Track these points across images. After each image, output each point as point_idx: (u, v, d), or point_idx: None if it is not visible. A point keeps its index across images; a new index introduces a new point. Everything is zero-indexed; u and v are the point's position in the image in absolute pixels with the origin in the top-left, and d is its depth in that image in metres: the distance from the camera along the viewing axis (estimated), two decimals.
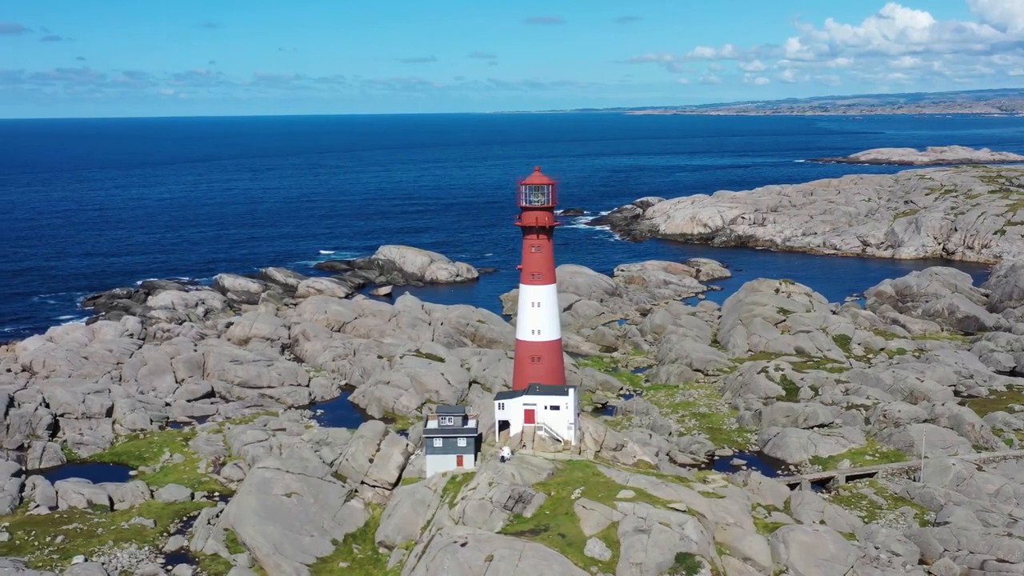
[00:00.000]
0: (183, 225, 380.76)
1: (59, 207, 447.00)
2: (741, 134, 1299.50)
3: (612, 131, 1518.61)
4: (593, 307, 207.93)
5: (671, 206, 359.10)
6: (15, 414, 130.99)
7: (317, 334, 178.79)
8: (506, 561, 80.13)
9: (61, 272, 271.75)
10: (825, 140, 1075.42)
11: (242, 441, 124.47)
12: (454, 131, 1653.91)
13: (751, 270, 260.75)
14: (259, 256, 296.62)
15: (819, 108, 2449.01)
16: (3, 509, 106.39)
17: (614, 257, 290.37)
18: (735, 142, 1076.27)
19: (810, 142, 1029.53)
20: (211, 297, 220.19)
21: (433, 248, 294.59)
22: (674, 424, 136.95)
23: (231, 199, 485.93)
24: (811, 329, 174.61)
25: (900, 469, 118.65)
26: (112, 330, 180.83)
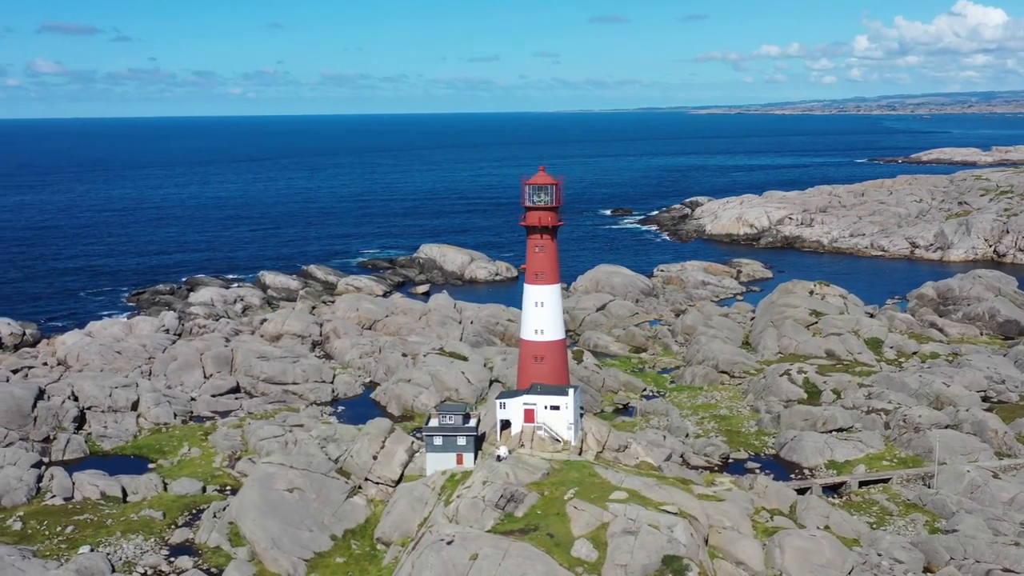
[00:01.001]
0: (236, 223, 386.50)
1: (119, 204, 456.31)
2: (803, 133, 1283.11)
3: (673, 130, 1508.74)
4: (627, 307, 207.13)
5: (719, 206, 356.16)
6: (42, 406, 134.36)
7: (347, 331, 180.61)
8: (489, 560, 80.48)
9: (111, 268, 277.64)
10: (889, 140, 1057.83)
11: (258, 436, 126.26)
12: (515, 130, 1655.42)
13: (794, 271, 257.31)
14: (306, 254, 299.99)
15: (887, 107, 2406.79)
16: (20, 499, 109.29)
17: (658, 257, 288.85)
18: (796, 141, 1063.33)
19: (873, 142, 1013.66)
20: (250, 294, 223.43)
21: (479, 247, 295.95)
22: (691, 426, 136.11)
23: (285, 197, 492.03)
24: (842, 332, 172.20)
25: (915, 475, 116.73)
26: (149, 325, 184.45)
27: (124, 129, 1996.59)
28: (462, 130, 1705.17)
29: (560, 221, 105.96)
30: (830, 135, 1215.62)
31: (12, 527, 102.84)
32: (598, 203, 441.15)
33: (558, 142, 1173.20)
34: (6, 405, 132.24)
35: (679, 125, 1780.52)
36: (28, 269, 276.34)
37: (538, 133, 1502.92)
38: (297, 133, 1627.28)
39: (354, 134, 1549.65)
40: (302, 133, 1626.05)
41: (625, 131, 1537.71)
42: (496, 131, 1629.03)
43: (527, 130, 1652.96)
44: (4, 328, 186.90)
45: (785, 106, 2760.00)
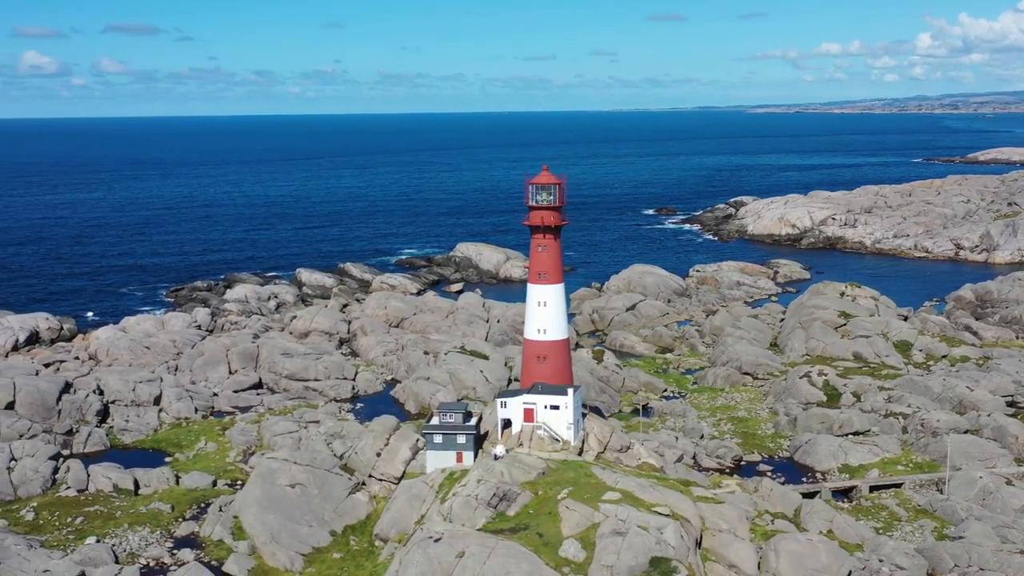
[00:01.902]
0: (281, 221, 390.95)
1: (170, 202, 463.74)
2: (861, 133, 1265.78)
3: (729, 129, 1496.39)
4: (657, 307, 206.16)
5: (763, 206, 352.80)
6: (67, 400, 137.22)
7: (374, 329, 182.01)
8: (474, 558, 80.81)
9: (155, 265, 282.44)
10: (948, 139, 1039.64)
11: (273, 432, 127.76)
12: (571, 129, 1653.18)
13: (833, 273, 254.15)
14: (346, 252, 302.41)
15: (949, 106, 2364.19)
16: (35, 490, 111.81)
17: (696, 257, 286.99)
18: (853, 141, 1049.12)
19: (932, 141, 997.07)
20: (284, 291, 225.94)
21: (521, 247, 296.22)
22: (707, 427, 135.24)
23: (333, 196, 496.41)
24: (871, 334, 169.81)
25: (928, 480, 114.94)
26: (180, 321, 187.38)
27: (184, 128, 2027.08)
28: (517, 129, 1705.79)
29: (564, 221, 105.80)
30: (888, 134, 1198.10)
31: (25, 517, 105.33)
32: (643, 202, 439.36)
33: (612, 141, 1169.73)
34: (31, 398, 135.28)
35: (736, 124, 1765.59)
36: (75, 265, 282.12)
37: (593, 132, 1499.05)
38: (353, 132, 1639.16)
39: (409, 133, 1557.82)
40: (358, 132, 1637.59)
41: (681, 130, 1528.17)
42: (551, 130, 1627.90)
43: (583, 129, 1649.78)
44: (42, 323, 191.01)
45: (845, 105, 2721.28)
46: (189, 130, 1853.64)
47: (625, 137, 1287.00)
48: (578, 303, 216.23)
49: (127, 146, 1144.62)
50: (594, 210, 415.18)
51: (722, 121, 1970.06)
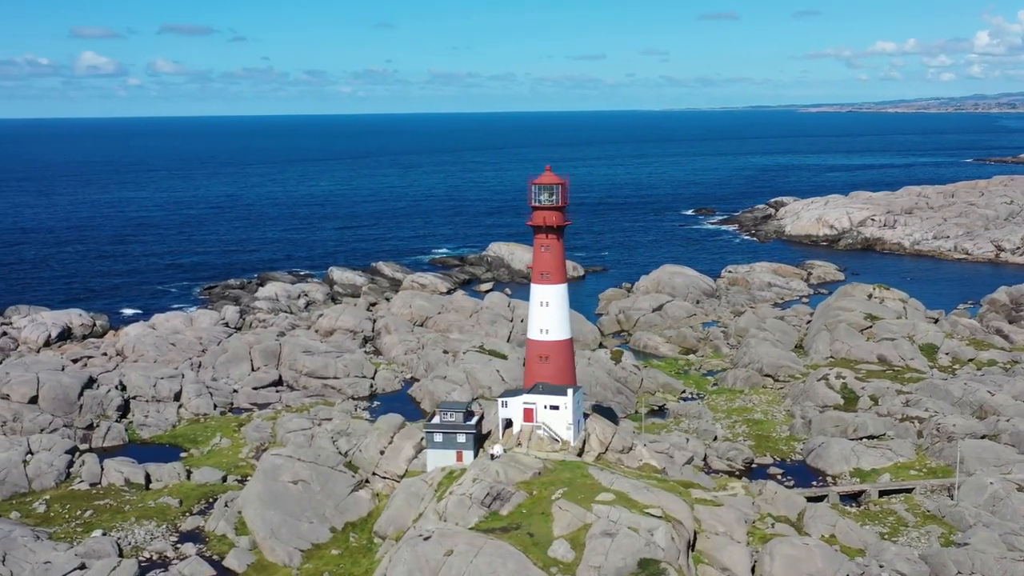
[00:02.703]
0: (321, 220, 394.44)
1: (214, 201, 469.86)
2: (914, 132, 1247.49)
3: (780, 129, 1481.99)
4: (684, 308, 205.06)
5: (802, 207, 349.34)
6: (89, 395, 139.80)
7: (398, 328, 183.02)
8: (462, 557, 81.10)
9: (192, 263, 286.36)
10: (1002, 139, 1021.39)
11: (286, 429, 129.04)
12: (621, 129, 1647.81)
13: (868, 274, 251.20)
14: (382, 250, 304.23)
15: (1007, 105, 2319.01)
16: (48, 483, 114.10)
17: (731, 258, 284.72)
18: (904, 141, 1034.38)
19: (985, 141, 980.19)
20: (315, 289, 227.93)
21: None
22: (721, 429, 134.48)
23: (374, 195, 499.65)
24: (896, 337, 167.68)
25: (939, 486, 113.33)
26: (208, 319, 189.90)
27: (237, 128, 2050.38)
28: (566, 129, 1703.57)
29: (567, 221, 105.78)
30: (942, 134, 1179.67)
31: (37, 510, 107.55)
32: (684, 203, 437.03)
33: (660, 141, 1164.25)
34: (53, 393, 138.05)
35: (787, 124, 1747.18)
36: (116, 263, 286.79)
37: (642, 132, 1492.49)
38: (402, 132, 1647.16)
39: (457, 133, 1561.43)
40: (407, 132, 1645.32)
41: (730, 130, 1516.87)
42: (601, 130, 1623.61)
43: (632, 129, 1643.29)
44: (75, 319, 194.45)
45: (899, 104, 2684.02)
46: (241, 130, 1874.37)
47: (674, 137, 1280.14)
48: (605, 303, 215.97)
49: (179, 145, 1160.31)
50: (633, 210, 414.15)
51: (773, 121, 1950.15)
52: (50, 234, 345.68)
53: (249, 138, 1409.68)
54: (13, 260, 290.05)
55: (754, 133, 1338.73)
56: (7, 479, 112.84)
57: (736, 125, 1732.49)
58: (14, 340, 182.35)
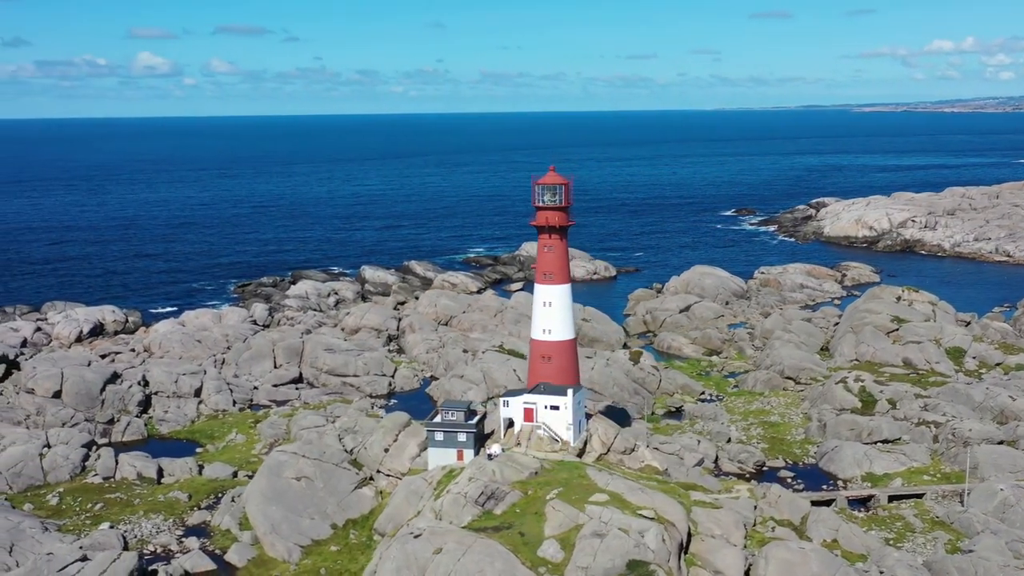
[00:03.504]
0: (362, 219, 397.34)
1: (258, 200, 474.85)
2: (969, 132, 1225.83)
3: (832, 129, 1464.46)
4: (712, 309, 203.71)
5: (843, 207, 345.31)
6: (111, 390, 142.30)
7: (422, 327, 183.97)
8: (450, 555, 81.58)
9: (230, 261, 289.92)
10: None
11: (300, 426, 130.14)
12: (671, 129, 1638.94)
13: (905, 276, 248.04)
14: (418, 249, 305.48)
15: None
16: (63, 476, 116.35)
17: (767, 259, 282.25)
18: (959, 141, 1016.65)
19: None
20: (345, 288, 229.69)
21: (591, 246, 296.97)
22: (735, 432, 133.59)
23: (417, 194, 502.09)
24: (922, 340, 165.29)
25: (951, 491, 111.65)
26: (236, 316, 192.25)
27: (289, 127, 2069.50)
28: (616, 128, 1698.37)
29: (570, 221, 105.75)
30: (998, 134, 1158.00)
31: (50, 502, 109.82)
32: (725, 203, 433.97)
33: (710, 140, 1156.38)
34: (76, 387, 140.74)
35: (839, 124, 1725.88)
36: (155, 261, 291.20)
37: (692, 131, 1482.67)
38: (451, 131, 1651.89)
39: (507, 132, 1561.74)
40: (456, 131, 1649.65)
41: (781, 129, 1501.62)
42: (651, 129, 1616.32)
43: (682, 128, 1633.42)
44: (108, 315, 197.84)
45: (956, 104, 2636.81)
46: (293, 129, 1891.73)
47: (723, 137, 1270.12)
48: (634, 303, 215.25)
49: (231, 145, 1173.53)
50: (674, 211, 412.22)
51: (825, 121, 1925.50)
52: (94, 232, 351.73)
53: (300, 138, 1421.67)
54: (57, 257, 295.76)
55: (806, 133, 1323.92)
56: (23, 472, 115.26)
57: (787, 125, 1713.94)
58: (47, 336, 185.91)
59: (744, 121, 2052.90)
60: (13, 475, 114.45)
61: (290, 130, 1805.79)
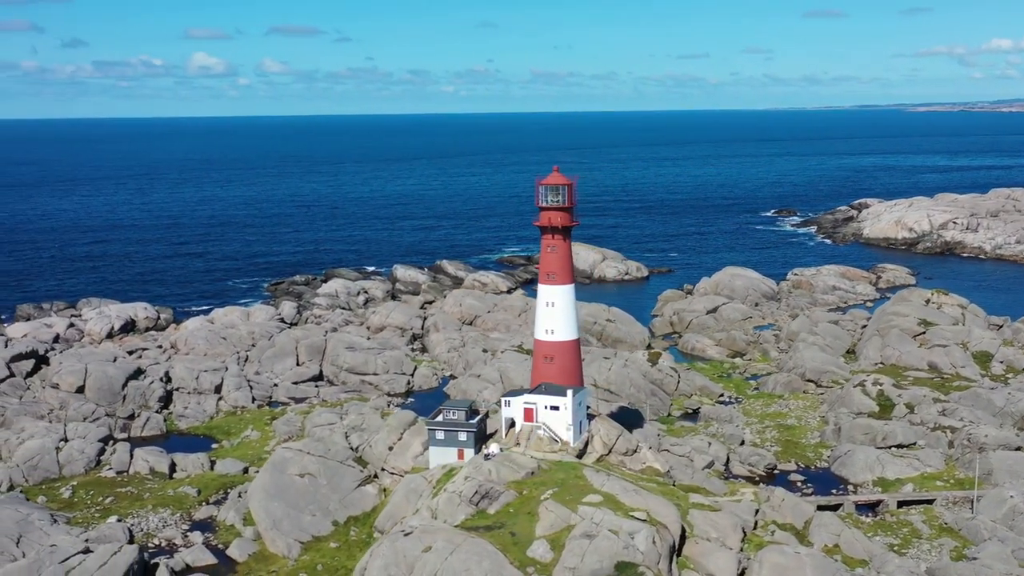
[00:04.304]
0: (403, 217, 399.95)
1: (301, 199, 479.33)
2: None
3: (885, 129, 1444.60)
4: (740, 311, 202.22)
5: (885, 208, 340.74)
6: (132, 386, 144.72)
7: (446, 326, 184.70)
8: (438, 554, 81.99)
9: (267, 260, 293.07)
10: None
11: (314, 423, 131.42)
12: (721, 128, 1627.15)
13: (943, 279, 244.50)
14: (453, 248, 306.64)
15: None
16: (78, 470, 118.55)
17: (805, 260, 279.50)
18: (1012, 141, 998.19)
19: None
20: (375, 286, 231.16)
21: (624, 246, 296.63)
22: (749, 434, 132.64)
23: (459, 194, 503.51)
24: (949, 343, 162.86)
25: (961, 498, 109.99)
26: (264, 314, 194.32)
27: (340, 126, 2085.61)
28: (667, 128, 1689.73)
29: (574, 222, 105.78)
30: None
31: (63, 495, 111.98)
32: (767, 203, 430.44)
33: (759, 140, 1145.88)
34: (99, 383, 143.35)
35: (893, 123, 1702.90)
36: (192, 259, 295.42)
37: (743, 131, 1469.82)
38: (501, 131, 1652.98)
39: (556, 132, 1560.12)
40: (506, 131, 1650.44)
41: (833, 129, 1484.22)
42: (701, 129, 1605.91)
43: (733, 128, 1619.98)
44: (140, 312, 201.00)
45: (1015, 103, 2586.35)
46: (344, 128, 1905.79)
47: (773, 137, 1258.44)
48: (662, 304, 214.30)
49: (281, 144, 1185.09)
50: (714, 211, 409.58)
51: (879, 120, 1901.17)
52: (137, 231, 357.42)
53: (349, 137, 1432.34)
54: (99, 255, 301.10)
55: (858, 133, 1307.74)
56: (39, 465, 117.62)
57: (840, 125, 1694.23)
58: (80, 331, 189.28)
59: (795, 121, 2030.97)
60: (29, 468, 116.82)
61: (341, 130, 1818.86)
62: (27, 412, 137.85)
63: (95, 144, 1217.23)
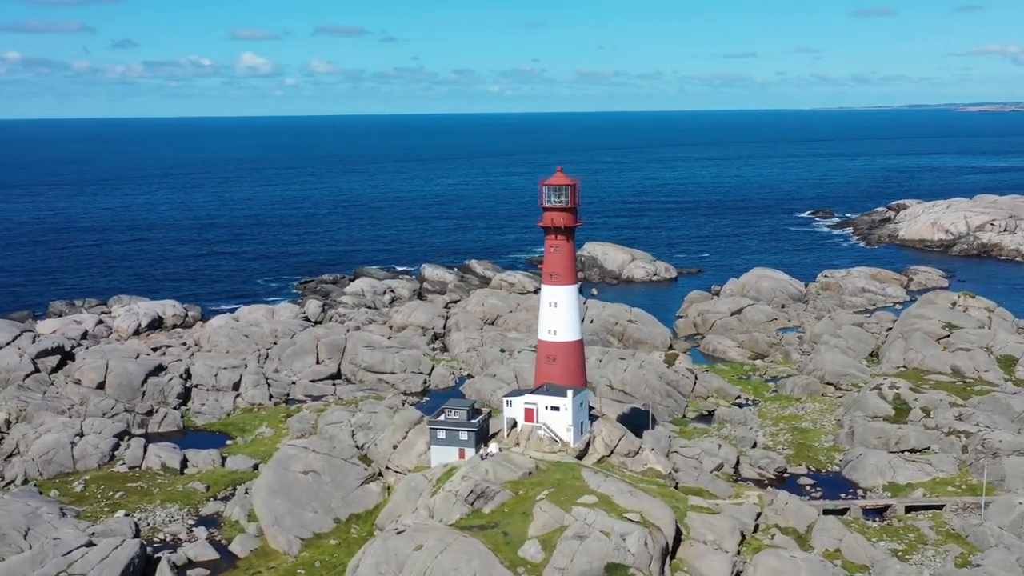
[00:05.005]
0: (436, 217, 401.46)
1: (338, 198, 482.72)
2: None
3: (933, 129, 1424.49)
4: (765, 312, 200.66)
5: (922, 210, 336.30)
6: (152, 382, 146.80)
7: (467, 326, 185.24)
8: (428, 552, 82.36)
9: (298, 259, 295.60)
10: None
11: (327, 421, 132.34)
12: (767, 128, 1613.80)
13: (976, 282, 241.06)
14: (484, 248, 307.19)
15: None
16: (91, 464, 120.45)
17: (837, 261, 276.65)
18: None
19: None
20: (401, 286, 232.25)
21: (655, 247, 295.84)
22: (761, 437, 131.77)
23: (495, 194, 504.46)
24: (973, 347, 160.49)
25: (971, 504, 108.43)
26: (288, 312, 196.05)
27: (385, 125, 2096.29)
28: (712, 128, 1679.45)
29: (577, 222, 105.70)
30: None
31: (75, 489, 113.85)
32: (804, 204, 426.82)
33: (805, 140, 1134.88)
34: (119, 379, 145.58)
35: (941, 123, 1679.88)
36: (226, 258, 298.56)
37: (789, 131, 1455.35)
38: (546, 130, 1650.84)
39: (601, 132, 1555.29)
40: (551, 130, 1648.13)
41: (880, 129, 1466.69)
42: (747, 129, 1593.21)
43: (779, 128, 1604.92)
44: (169, 310, 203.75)
45: None
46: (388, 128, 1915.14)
47: (819, 137, 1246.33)
48: (687, 305, 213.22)
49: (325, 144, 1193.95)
50: (749, 212, 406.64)
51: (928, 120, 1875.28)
52: (175, 230, 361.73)
53: (393, 136, 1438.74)
54: (135, 253, 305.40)
55: (905, 133, 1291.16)
56: (54, 459, 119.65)
57: (887, 125, 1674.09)
58: (108, 328, 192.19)
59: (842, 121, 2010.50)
60: (44, 462, 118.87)
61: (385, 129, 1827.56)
62: (48, 407, 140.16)
63: (143, 143, 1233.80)
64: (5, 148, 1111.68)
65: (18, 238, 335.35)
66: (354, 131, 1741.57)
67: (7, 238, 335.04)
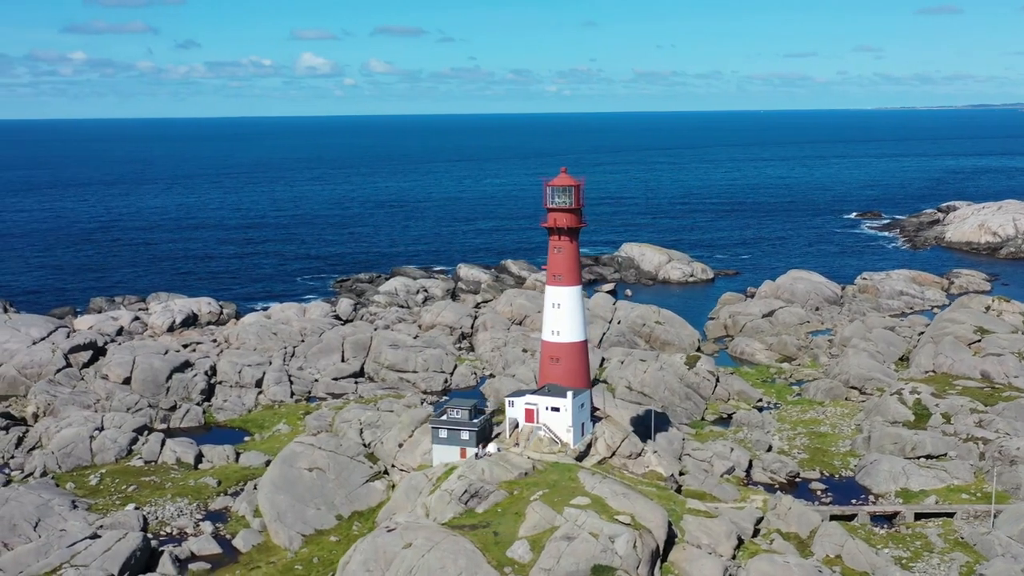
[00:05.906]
0: (482, 217, 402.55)
1: (386, 198, 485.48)
2: None
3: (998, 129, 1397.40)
4: (798, 315, 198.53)
5: (972, 212, 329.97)
6: (177, 378, 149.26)
7: (494, 325, 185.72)
8: (416, 550, 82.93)
9: (337, 257, 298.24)
10: None
11: (342, 419, 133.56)
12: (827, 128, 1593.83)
13: (1020, 285, 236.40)
14: (523, 248, 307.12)
15: None
16: (108, 458, 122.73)
17: (878, 264, 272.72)
18: None
19: None
20: (435, 285, 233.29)
21: (695, 248, 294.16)
22: (777, 441, 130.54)
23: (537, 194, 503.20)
24: (1003, 352, 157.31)
25: (983, 512, 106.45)
26: (319, 310, 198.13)
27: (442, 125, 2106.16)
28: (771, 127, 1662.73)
29: (582, 223, 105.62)
30: None
31: (90, 482, 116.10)
32: (852, 205, 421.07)
33: (861, 141, 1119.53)
34: (144, 375, 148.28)
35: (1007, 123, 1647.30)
36: (268, 256, 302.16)
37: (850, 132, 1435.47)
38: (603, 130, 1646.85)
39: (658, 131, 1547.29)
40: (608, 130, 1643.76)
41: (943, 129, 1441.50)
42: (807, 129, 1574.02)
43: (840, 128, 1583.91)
44: (204, 307, 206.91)
45: None
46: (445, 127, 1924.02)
47: (878, 137, 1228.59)
48: (720, 307, 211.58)
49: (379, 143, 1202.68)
50: (798, 213, 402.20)
51: (992, 120, 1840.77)
52: (221, 229, 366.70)
53: (448, 136, 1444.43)
54: (180, 251, 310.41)
55: (967, 133, 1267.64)
56: (73, 452, 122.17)
57: (949, 125, 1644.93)
58: (144, 324, 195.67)
59: (904, 121, 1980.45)
60: (63, 455, 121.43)
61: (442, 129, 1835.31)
62: (75, 402, 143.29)
63: (202, 143, 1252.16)
64: (69, 147, 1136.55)
65: (69, 236, 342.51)
66: (410, 131, 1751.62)
67: (60, 235, 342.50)
